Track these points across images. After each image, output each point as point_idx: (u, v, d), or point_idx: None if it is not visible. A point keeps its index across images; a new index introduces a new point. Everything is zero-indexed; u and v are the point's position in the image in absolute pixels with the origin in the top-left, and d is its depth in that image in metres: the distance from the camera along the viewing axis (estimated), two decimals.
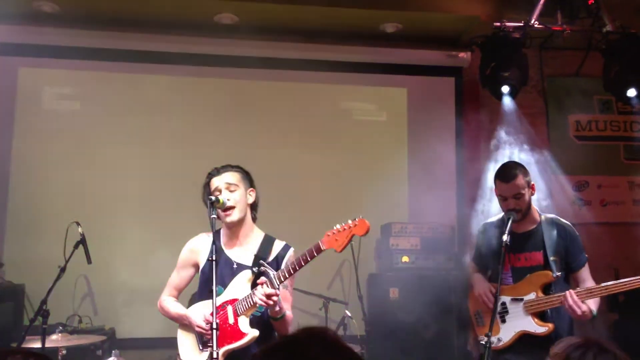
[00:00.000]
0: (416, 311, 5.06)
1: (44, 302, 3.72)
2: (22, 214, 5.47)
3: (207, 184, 3.25)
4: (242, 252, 3.22)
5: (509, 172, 3.44)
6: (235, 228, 3.22)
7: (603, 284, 3.27)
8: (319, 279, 5.39)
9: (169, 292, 3.36)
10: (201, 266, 3.26)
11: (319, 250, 2.94)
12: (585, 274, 3.45)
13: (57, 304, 3.86)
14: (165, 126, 5.80)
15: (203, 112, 5.87)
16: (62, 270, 3.83)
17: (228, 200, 3.13)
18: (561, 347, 1.75)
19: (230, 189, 3.18)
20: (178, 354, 3.22)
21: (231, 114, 5.93)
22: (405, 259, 5.40)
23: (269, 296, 2.93)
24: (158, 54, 5.82)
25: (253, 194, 3.27)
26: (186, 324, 3.21)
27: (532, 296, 3.40)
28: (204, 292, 3.19)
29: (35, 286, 4.89)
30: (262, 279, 3.00)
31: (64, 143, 5.60)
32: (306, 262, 2.95)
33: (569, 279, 3.51)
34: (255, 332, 3.05)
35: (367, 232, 2.90)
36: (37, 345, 3.77)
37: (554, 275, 3.36)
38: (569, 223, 3.54)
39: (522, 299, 3.41)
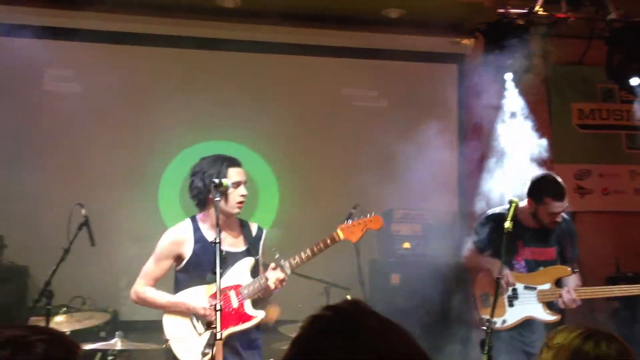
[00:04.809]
0: (417, 297, 5.09)
1: (47, 283, 3.73)
2: (26, 195, 5.45)
3: (226, 168, 3.21)
4: (226, 238, 3.26)
5: (562, 191, 3.56)
6: (230, 219, 3.31)
7: (604, 287, 3.67)
8: (320, 264, 5.36)
9: (146, 282, 3.35)
10: (187, 257, 3.27)
11: (334, 240, 3.14)
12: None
13: (60, 285, 3.87)
14: (169, 106, 5.80)
15: (205, 94, 5.86)
16: (66, 252, 3.84)
17: (244, 196, 3.24)
18: (563, 336, 1.58)
19: (246, 185, 3.29)
20: (167, 340, 3.23)
21: (232, 99, 5.91)
22: (406, 245, 5.43)
23: (281, 281, 3.10)
24: (157, 37, 5.84)
25: None
26: (180, 310, 3.23)
27: (546, 286, 3.59)
28: (193, 278, 3.23)
29: (39, 268, 4.88)
30: (273, 264, 3.14)
31: (65, 123, 5.59)
32: (320, 251, 3.10)
33: None
34: (262, 314, 3.17)
35: (381, 227, 3.23)
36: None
37: (573, 271, 3.60)
38: (569, 218, 3.76)
39: (535, 288, 3.60)
